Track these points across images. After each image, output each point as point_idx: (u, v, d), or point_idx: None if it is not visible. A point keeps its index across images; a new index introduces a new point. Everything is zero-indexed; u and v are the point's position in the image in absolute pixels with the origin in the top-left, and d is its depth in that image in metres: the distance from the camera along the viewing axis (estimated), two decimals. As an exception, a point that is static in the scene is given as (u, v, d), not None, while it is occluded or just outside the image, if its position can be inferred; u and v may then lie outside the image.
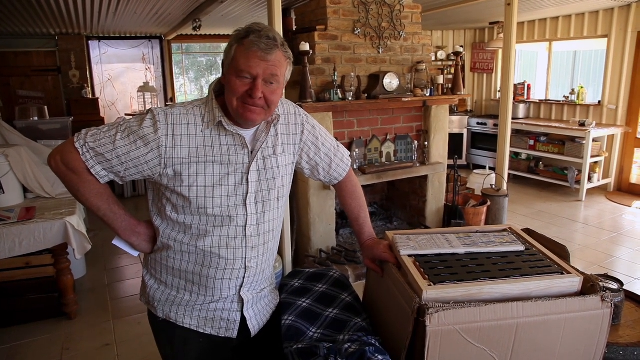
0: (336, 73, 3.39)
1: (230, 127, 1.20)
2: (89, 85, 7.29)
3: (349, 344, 1.23)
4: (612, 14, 5.41)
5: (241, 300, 1.32)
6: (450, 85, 4.02)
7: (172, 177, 1.19)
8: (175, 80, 8.35)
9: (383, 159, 3.83)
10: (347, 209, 1.53)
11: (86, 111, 6.83)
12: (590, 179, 5.51)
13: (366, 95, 3.54)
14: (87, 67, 7.29)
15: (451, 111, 6.64)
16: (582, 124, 5.42)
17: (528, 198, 5.59)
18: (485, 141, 6.75)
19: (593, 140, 5.34)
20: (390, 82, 3.55)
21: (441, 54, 6.82)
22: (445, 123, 4.04)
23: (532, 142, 6.04)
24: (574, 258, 3.65)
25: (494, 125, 6.40)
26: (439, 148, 4.04)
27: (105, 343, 2.76)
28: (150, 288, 1.34)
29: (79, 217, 2.91)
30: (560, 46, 6.36)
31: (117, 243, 1.33)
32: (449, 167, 4.15)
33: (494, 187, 4.43)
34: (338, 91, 3.39)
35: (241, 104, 1.16)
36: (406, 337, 1.14)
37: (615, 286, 1.77)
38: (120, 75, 7.79)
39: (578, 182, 5.49)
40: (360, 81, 3.59)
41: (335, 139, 1.51)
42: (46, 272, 2.90)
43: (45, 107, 6.05)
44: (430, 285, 1.16)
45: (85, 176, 1.18)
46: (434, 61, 5.71)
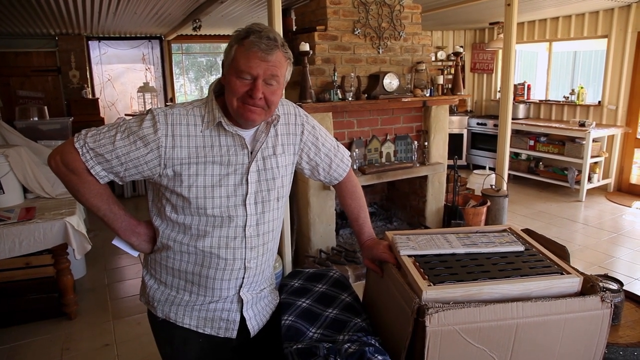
0: (336, 73, 3.39)
1: (229, 128, 1.20)
2: (89, 85, 7.29)
3: (349, 344, 1.23)
4: (612, 14, 5.41)
5: (241, 300, 1.32)
6: (450, 85, 4.02)
7: (172, 178, 1.19)
8: (175, 80, 8.35)
9: (383, 159, 3.83)
10: (347, 209, 1.54)
11: (86, 111, 6.83)
12: (590, 180, 5.51)
13: (366, 95, 3.54)
14: (87, 68, 7.29)
15: (451, 111, 6.64)
16: (582, 124, 5.42)
17: (528, 198, 5.59)
18: (485, 141, 6.75)
19: (593, 140, 5.34)
20: (390, 83, 3.55)
21: (441, 54, 6.81)
22: (445, 123, 4.04)
23: (532, 143, 6.04)
24: (574, 258, 3.65)
25: (494, 125, 6.40)
26: (439, 148, 4.04)
27: (105, 343, 2.76)
28: (150, 288, 1.34)
29: (79, 218, 2.91)
30: (560, 46, 6.36)
31: (117, 243, 1.34)
32: (449, 168, 4.15)
33: (494, 188, 4.43)
34: (338, 91, 3.39)
35: (241, 104, 1.16)
36: (406, 338, 1.14)
37: (615, 286, 1.77)
38: (120, 75, 7.79)
39: (578, 183, 5.49)
40: (360, 81, 3.59)
41: (335, 139, 1.51)
42: (46, 272, 2.90)
43: (45, 108, 6.04)
44: (430, 285, 1.16)
45: (85, 176, 1.18)
46: (434, 61, 5.71)
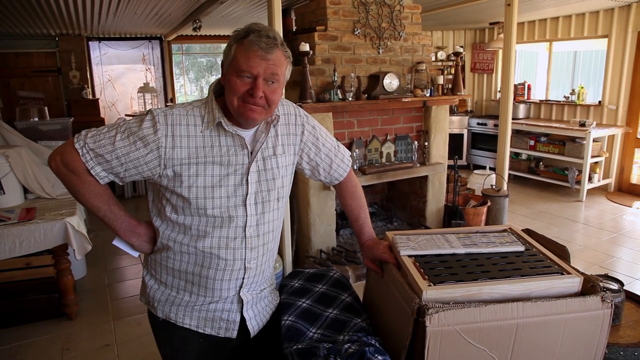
0: (336, 73, 3.39)
1: (229, 128, 1.20)
2: (89, 86, 7.29)
3: (349, 345, 1.23)
4: (613, 14, 5.41)
5: (241, 300, 1.32)
6: (450, 85, 4.02)
7: (172, 178, 1.19)
8: (175, 80, 8.35)
9: (383, 160, 3.83)
10: (347, 210, 1.53)
11: (86, 112, 6.83)
12: (590, 179, 5.51)
13: (366, 95, 3.54)
14: (88, 68, 7.30)
15: (451, 111, 6.63)
16: (583, 124, 5.42)
17: (528, 198, 5.59)
18: (485, 141, 6.74)
19: (593, 140, 5.34)
20: (390, 83, 3.55)
21: (441, 54, 6.81)
22: (445, 123, 4.04)
23: (533, 143, 6.03)
24: (574, 258, 3.65)
25: (494, 125, 6.40)
26: (439, 148, 4.04)
27: (105, 343, 2.76)
28: (150, 288, 1.34)
29: (79, 218, 2.91)
30: (560, 46, 6.36)
31: (117, 244, 1.34)
32: (449, 168, 4.15)
33: (494, 188, 4.42)
34: (338, 91, 3.39)
35: (242, 104, 1.16)
36: (406, 338, 1.14)
37: (615, 286, 1.77)
38: (120, 76, 7.79)
39: (578, 183, 5.49)
40: (360, 81, 3.59)
41: (335, 139, 1.51)
42: (46, 273, 2.91)
43: (45, 108, 6.05)
44: (430, 285, 1.16)
45: (85, 177, 1.18)
46: (434, 61, 5.71)
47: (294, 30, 3.86)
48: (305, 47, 3.22)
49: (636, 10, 5.19)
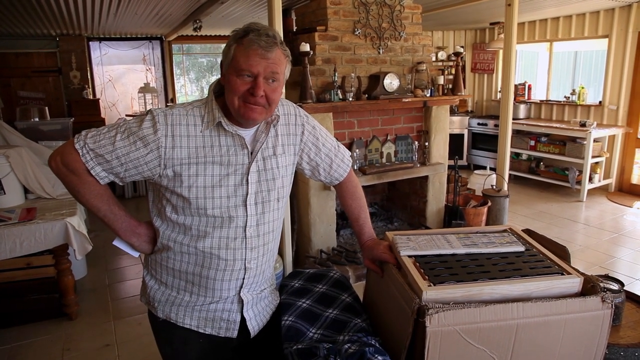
0: (336, 74, 3.39)
1: (229, 128, 1.20)
2: (90, 86, 7.30)
3: (349, 345, 1.23)
4: (613, 14, 5.41)
5: (241, 301, 1.32)
6: (450, 85, 4.02)
7: (172, 178, 1.19)
8: (175, 81, 8.35)
9: (383, 160, 3.83)
10: (348, 210, 1.53)
11: (87, 112, 6.84)
12: (591, 180, 5.51)
13: (366, 95, 3.54)
14: (88, 68, 7.30)
15: (452, 112, 6.63)
16: (583, 125, 5.41)
17: (529, 198, 5.59)
18: (485, 141, 6.74)
19: (594, 140, 5.34)
20: (390, 83, 3.55)
21: (441, 55, 6.78)
22: (445, 123, 4.04)
23: (533, 143, 6.03)
24: (575, 259, 3.64)
25: (495, 125, 6.40)
26: (440, 148, 4.04)
27: (105, 343, 2.76)
28: (150, 288, 1.34)
29: (80, 218, 2.91)
30: (561, 46, 6.35)
31: (118, 244, 1.34)
32: (450, 168, 4.15)
33: (495, 188, 4.42)
34: (338, 92, 3.39)
35: (242, 103, 1.16)
36: (406, 338, 1.14)
37: (615, 287, 1.77)
38: (121, 76, 7.80)
39: (579, 183, 5.48)
40: (360, 82, 3.59)
41: (335, 140, 1.51)
42: (47, 273, 2.91)
43: (46, 108, 6.05)
44: (430, 285, 1.16)
45: (85, 177, 1.18)
46: (435, 62, 5.70)
47: (295, 30, 3.86)
48: (305, 47, 3.22)
49: (637, 10, 5.19)
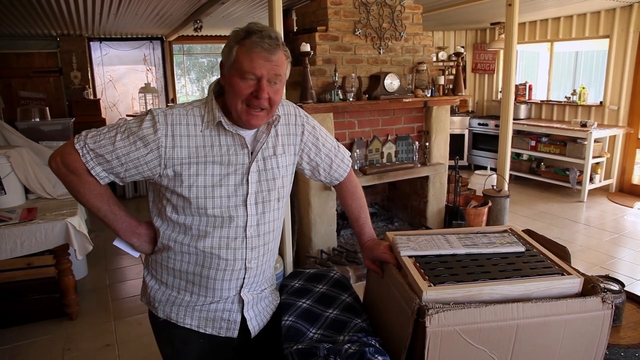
0: (337, 74, 3.39)
1: (230, 127, 1.20)
2: (91, 86, 7.30)
3: (349, 345, 1.23)
4: (614, 15, 5.40)
5: (241, 300, 1.32)
6: (451, 85, 4.02)
7: (172, 178, 1.19)
8: (176, 81, 8.36)
9: (384, 160, 3.83)
10: (348, 210, 1.53)
11: (87, 112, 6.85)
12: (591, 180, 5.50)
13: (367, 95, 3.54)
14: (89, 68, 7.31)
15: (452, 112, 6.63)
16: (584, 125, 5.41)
17: (529, 199, 5.58)
18: (486, 142, 6.74)
19: (595, 141, 5.33)
20: (391, 83, 3.55)
21: (442, 55, 6.78)
22: (446, 124, 4.04)
23: (534, 143, 6.03)
24: (575, 259, 3.64)
25: (495, 125, 6.40)
26: (440, 149, 4.03)
27: (106, 343, 2.76)
28: (151, 289, 1.34)
29: (80, 218, 2.91)
30: (561, 47, 6.35)
31: (118, 244, 1.34)
32: (450, 168, 4.15)
33: (495, 188, 4.42)
34: (339, 92, 3.39)
35: (245, 109, 1.16)
36: (406, 338, 1.14)
37: (616, 287, 1.77)
38: (121, 76, 7.80)
39: (580, 183, 5.48)
40: (361, 82, 3.59)
41: (335, 140, 1.51)
42: (47, 273, 2.91)
43: (46, 108, 6.06)
44: (430, 286, 1.16)
45: (85, 177, 1.18)
46: (435, 62, 5.70)
47: (295, 30, 3.86)
48: (306, 48, 3.22)
49: (638, 10, 5.18)
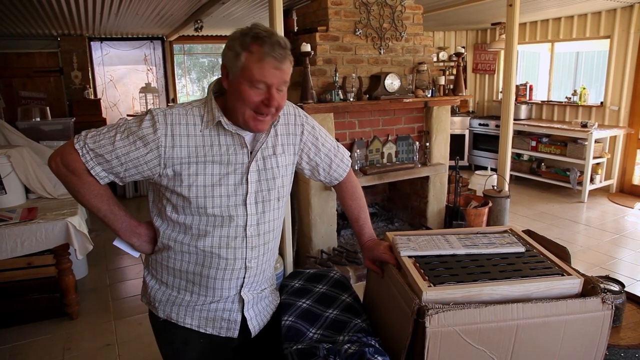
0: (337, 74, 3.39)
1: (229, 127, 1.20)
2: (91, 86, 7.31)
3: (349, 345, 1.23)
4: (615, 15, 5.40)
5: (242, 300, 1.32)
6: (451, 86, 4.02)
7: (172, 177, 1.19)
8: (177, 81, 8.36)
9: (384, 160, 3.83)
10: (347, 210, 1.53)
11: (88, 112, 6.85)
12: (592, 180, 5.50)
13: (367, 96, 3.54)
14: (89, 68, 7.31)
15: (453, 112, 6.64)
16: (584, 125, 5.41)
17: (530, 199, 5.58)
18: (486, 142, 6.74)
19: (595, 141, 5.32)
20: (391, 83, 3.55)
21: (443, 55, 6.79)
22: (446, 124, 4.04)
23: (534, 143, 6.02)
24: (576, 259, 3.64)
25: (496, 126, 6.39)
26: (441, 149, 4.03)
27: (106, 343, 2.76)
28: (151, 288, 1.34)
29: (81, 218, 2.92)
30: (562, 47, 6.34)
31: (118, 244, 1.34)
32: (451, 168, 4.15)
33: (496, 188, 4.42)
34: (339, 92, 3.39)
35: (253, 115, 1.16)
36: (406, 338, 1.14)
37: (616, 288, 1.77)
38: (122, 76, 7.81)
39: (580, 184, 5.47)
40: (361, 82, 3.59)
41: (335, 140, 1.51)
42: (48, 273, 2.91)
43: (47, 108, 6.06)
44: (430, 286, 1.16)
45: (85, 177, 1.18)
46: (436, 62, 5.71)
47: (295, 30, 3.86)
48: (306, 48, 3.22)
49: (639, 11, 5.18)
